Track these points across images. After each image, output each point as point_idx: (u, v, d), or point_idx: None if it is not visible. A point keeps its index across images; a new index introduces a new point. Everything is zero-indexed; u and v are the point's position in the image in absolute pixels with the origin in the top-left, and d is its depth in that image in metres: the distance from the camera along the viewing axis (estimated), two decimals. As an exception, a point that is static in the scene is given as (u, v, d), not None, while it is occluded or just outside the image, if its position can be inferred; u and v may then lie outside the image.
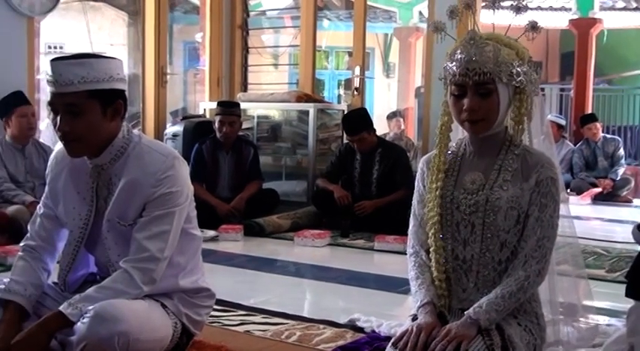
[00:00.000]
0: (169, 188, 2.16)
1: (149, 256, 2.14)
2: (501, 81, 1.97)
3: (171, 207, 2.17)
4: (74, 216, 2.26)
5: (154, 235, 2.15)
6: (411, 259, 2.16)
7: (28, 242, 2.33)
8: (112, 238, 2.21)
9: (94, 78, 2.08)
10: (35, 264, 2.28)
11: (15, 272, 2.25)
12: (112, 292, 2.09)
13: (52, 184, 2.32)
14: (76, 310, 2.03)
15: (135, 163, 2.18)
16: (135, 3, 9.85)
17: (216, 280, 2.54)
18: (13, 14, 5.15)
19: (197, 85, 10.71)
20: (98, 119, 2.12)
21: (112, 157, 2.19)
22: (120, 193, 2.18)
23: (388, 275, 3.94)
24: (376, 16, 12.42)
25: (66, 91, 2.07)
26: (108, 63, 2.13)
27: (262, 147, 6.40)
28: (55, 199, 2.31)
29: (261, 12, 8.22)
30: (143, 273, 2.13)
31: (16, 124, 4.80)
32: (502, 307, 1.94)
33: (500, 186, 2.01)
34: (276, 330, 2.81)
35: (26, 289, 2.20)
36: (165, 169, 2.17)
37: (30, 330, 2.03)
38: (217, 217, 5.22)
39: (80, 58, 2.11)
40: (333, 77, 13.44)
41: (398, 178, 5.30)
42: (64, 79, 2.06)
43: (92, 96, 2.09)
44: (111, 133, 2.17)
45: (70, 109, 2.09)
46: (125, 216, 2.18)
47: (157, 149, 2.22)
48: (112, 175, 2.21)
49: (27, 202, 4.62)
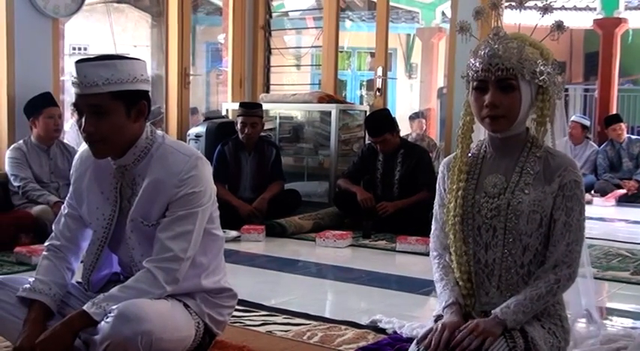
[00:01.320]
0: (192, 188, 2.18)
1: (172, 256, 2.15)
2: (524, 78, 1.95)
3: (195, 207, 2.18)
4: (98, 216, 2.28)
5: (177, 235, 2.16)
6: (435, 262, 2.16)
7: (52, 242, 2.35)
8: (136, 238, 2.23)
9: (118, 79, 2.10)
10: (59, 263, 2.30)
11: (39, 272, 2.27)
12: (135, 291, 2.11)
13: (76, 184, 2.34)
14: (100, 310, 2.05)
15: (158, 164, 2.20)
16: (158, 4, 9.92)
17: (238, 280, 2.55)
18: (38, 16, 5.20)
19: (219, 85, 10.77)
20: (122, 120, 2.14)
21: (135, 158, 2.21)
22: (143, 194, 2.19)
23: (410, 276, 3.93)
24: (399, 16, 12.40)
25: (90, 93, 2.09)
26: (132, 64, 2.15)
27: (284, 148, 6.41)
28: (79, 199, 2.33)
29: (283, 13, 8.22)
30: (166, 273, 2.14)
31: (43, 125, 4.85)
32: (529, 309, 1.93)
33: (522, 189, 2.00)
34: (297, 330, 2.81)
35: (51, 289, 2.22)
36: (189, 170, 2.18)
37: (54, 329, 2.05)
38: (239, 218, 5.24)
39: (104, 59, 2.12)
40: (355, 78, 13.43)
41: (420, 179, 5.28)
42: (89, 81, 2.08)
43: (116, 97, 2.11)
44: (135, 134, 2.19)
45: (94, 110, 2.11)
46: (148, 216, 2.20)
47: (180, 150, 2.24)
48: (136, 175, 2.23)
49: (51, 202, 4.66)
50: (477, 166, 2.09)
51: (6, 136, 5.14)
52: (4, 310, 2.19)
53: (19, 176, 4.78)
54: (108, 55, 2.19)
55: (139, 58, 2.22)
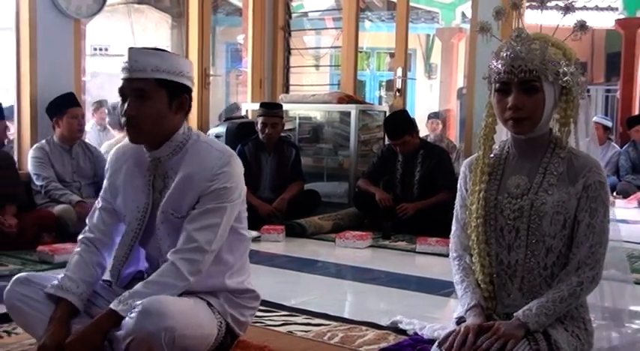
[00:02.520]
0: (224, 183, 2.21)
1: (197, 246, 2.18)
2: (547, 79, 1.94)
3: (224, 202, 2.22)
4: (132, 208, 2.32)
5: (203, 227, 2.19)
6: (455, 263, 2.15)
7: (85, 235, 2.38)
8: (165, 230, 2.26)
9: (166, 69, 2.19)
10: (90, 259, 2.32)
11: (69, 268, 2.29)
12: (159, 286, 2.13)
13: (111, 179, 2.39)
14: (127, 306, 2.07)
15: (192, 159, 2.24)
16: (179, 5, 9.97)
17: (258, 280, 2.56)
18: (60, 17, 5.24)
19: (239, 86, 10.79)
20: (163, 108, 2.21)
21: (170, 151, 2.26)
22: (176, 187, 2.23)
23: (430, 277, 3.92)
24: (418, 16, 12.37)
25: (137, 77, 2.18)
26: (180, 60, 2.27)
27: (304, 148, 6.41)
28: (114, 192, 2.37)
29: (303, 13, 8.24)
30: (190, 263, 2.17)
31: (66, 125, 4.89)
32: (552, 312, 1.92)
33: (546, 190, 1.98)
34: (318, 331, 2.81)
35: (78, 287, 2.24)
36: (222, 165, 2.22)
37: (85, 330, 2.07)
38: (259, 218, 5.25)
39: (157, 50, 2.23)
40: (374, 78, 13.41)
41: (440, 179, 5.26)
42: (139, 66, 2.17)
43: (161, 85, 2.19)
44: (173, 127, 2.25)
45: (138, 94, 2.18)
46: (179, 208, 2.23)
47: (214, 146, 2.29)
48: (169, 168, 2.27)
49: (73, 201, 4.70)
50: (499, 167, 2.08)
51: (29, 136, 5.19)
52: (29, 306, 2.21)
53: (41, 176, 4.82)
54: (160, 49, 2.28)
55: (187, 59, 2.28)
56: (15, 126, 5.36)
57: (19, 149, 5.27)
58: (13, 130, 5.52)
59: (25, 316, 2.25)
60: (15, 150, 5.32)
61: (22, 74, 5.18)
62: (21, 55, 5.17)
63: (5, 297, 2.26)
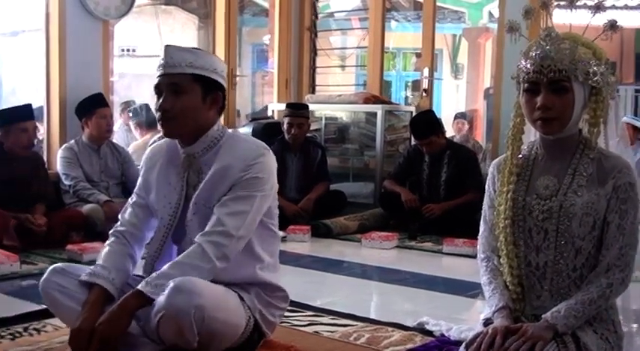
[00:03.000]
0: (256, 174, 2.25)
1: (224, 230, 2.20)
2: (577, 79, 1.92)
3: (255, 191, 2.25)
4: (164, 204, 2.36)
5: (232, 212, 2.22)
6: (483, 264, 2.14)
7: (117, 228, 2.42)
8: (197, 221, 2.28)
9: (201, 65, 2.25)
10: (121, 250, 2.36)
11: (101, 258, 2.34)
12: (185, 266, 2.16)
13: (145, 175, 2.44)
14: (155, 288, 2.10)
15: (226, 152, 2.29)
16: (205, 6, 10.01)
17: (284, 280, 2.56)
18: (89, 18, 5.29)
19: (265, 86, 10.82)
20: (197, 103, 2.26)
21: (204, 147, 2.30)
22: (209, 179, 2.27)
23: (457, 279, 3.90)
24: (445, 16, 12.30)
25: (173, 72, 2.24)
26: (215, 58, 2.35)
27: (330, 148, 6.41)
28: (147, 188, 2.41)
29: (329, 14, 8.23)
30: (216, 247, 2.18)
31: (95, 126, 4.94)
32: (581, 314, 1.90)
33: (575, 191, 1.97)
34: (344, 331, 2.81)
35: (110, 273, 2.27)
36: (256, 157, 2.26)
37: (111, 311, 2.10)
38: (285, 218, 5.26)
39: (192, 48, 2.31)
40: (400, 78, 13.36)
41: (467, 180, 5.24)
42: (174, 62, 2.24)
43: (196, 80, 2.25)
44: (207, 122, 2.30)
45: (173, 89, 2.24)
46: (211, 199, 2.26)
47: (248, 140, 2.36)
48: (203, 164, 2.31)
49: (101, 201, 4.74)
50: (527, 168, 2.07)
51: (58, 136, 5.25)
52: (65, 295, 2.25)
53: (70, 175, 4.87)
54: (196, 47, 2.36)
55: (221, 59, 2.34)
56: (44, 126, 5.43)
57: (49, 149, 5.33)
58: (42, 130, 5.59)
59: (60, 305, 2.28)
60: (44, 150, 5.39)
61: (52, 75, 5.24)
62: (50, 56, 5.24)
63: (41, 286, 2.30)
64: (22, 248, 4.23)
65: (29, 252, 4.28)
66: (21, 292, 3.41)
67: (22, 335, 2.70)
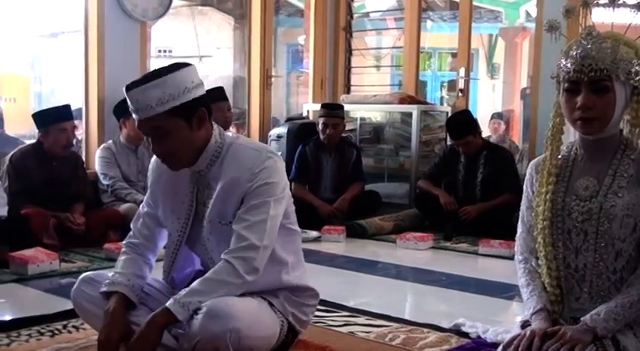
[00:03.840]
0: (265, 180, 2.19)
1: (248, 244, 2.16)
2: (618, 79, 1.89)
3: (267, 197, 2.19)
4: (172, 219, 2.33)
5: (251, 224, 2.17)
6: (520, 266, 2.11)
7: (130, 240, 2.41)
8: (214, 240, 2.25)
9: (170, 96, 2.09)
10: (137, 257, 2.36)
11: (118, 266, 2.33)
12: (215, 283, 2.13)
13: (152, 186, 2.40)
14: (182, 308, 2.07)
15: (231, 163, 2.23)
16: (241, 7, 10.06)
17: (319, 280, 2.56)
18: (127, 20, 5.35)
19: (300, 87, 10.84)
20: (186, 133, 2.16)
21: (208, 162, 2.24)
22: (219, 194, 2.22)
23: (493, 280, 3.86)
24: (481, 16, 12.20)
25: (147, 116, 2.11)
26: (180, 75, 2.12)
27: (365, 149, 6.40)
28: (155, 201, 2.38)
29: (364, 14, 8.21)
30: (244, 262, 2.15)
31: (132, 126, 4.96)
32: (621, 317, 1.87)
33: (615, 193, 1.94)
34: (379, 332, 2.80)
35: (129, 280, 2.27)
36: (260, 163, 2.20)
37: (142, 330, 2.09)
38: (320, 218, 5.27)
39: (151, 79, 2.11)
40: (436, 79, 13.29)
41: (503, 181, 5.18)
42: (143, 105, 2.10)
43: (173, 114, 2.11)
44: (203, 140, 2.21)
45: (157, 132, 2.14)
46: (225, 214, 2.22)
47: (250, 146, 2.27)
48: (210, 179, 2.26)
49: (138, 200, 4.77)
50: (567, 169, 2.04)
51: (96, 137, 5.32)
52: (94, 305, 2.27)
53: (108, 175, 4.93)
54: (156, 72, 2.15)
55: (187, 64, 2.18)
56: (83, 127, 5.51)
57: (87, 149, 5.41)
58: (81, 130, 5.66)
59: (90, 315, 2.31)
60: (83, 150, 5.47)
61: (90, 76, 5.32)
62: (89, 57, 5.31)
63: (72, 296, 2.33)
64: (62, 247, 4.29)
65: (68, 250, 4.34)
66: (60, 290, 3.46)
67: (62, 333, 2.73)
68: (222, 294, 2.11)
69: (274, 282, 2.31)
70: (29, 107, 8.22)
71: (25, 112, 7.74)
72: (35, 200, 4.45)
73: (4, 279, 3.68)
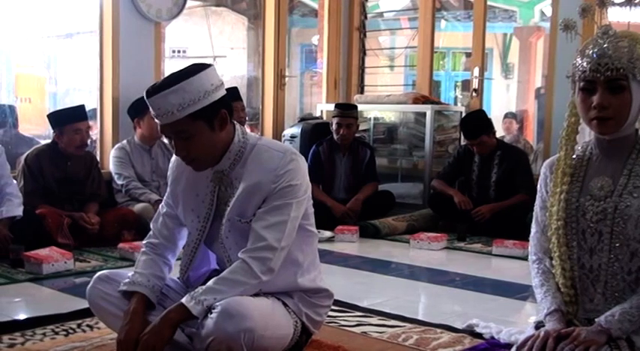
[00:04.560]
0: (289, 182, 2.20)
1: (266, 245, 2.16)
2: (635, 78, 1.87)
3: (290, 199, 2.20)
4: (192, 218, 2.34)
5: (270, 224, 2.18)
6: (534, 266, 2.10)
7: (150, 240, 2.41)
8: (233, 239, 2.26)
9: (191, 101, 2.10)
10: (157, 258, 2.36)
11: (138, 266, 2.34)
12: (231, 282, 2.13)
13: (172, 186, 2.40)
14: (199, 304, 2.08)
15: (254, 164, 2.23)
16: (255, 7, 10.07)
17: (332, 280, 2.56)
18: (142, 20, 5.38)
19: (313, 87, 10.84)
20: (209, 136, 2.17)
21: (231, 162, 2.25)
22: (240, 195, 2.22)
23: (507, 281, 3.85)
24: (495, 15, 12.15)
25: (170, 121, 2.13)
26: (199, 79, 2.12)
27: (378, 149, 6.39)
28: (175, 200, 2.39)
29: (378, 14, 8.20)
30: (261, 262, 2.15)
31: (147, 126, 5.00)
32: (636, 318, 1.86)
33: (631, 193, 1.92)
34: (392, 332, 2.80)
35: (149, 280, 2.28)
36: (284, 165, 2.20)
37: (155, 324, 2.10)
38: (333, 218, 5.27)
39: (172, 84, 2.11)
40: (449, 78, 13.24)
41: (518, 181, 5.17)
42: (164, 111, 2.11)
43: (195, 118, 2.12)
44: (226, 141, 2.22)
45: (179, 136, 2.16)
46: (245, 213, 2.22)
47: (274, 147, 2.27)
48: (233, 178, 2.26)
49: (152, 200, 4.81)
50: (581, 169, 2.03)
51: (110, 137, 5.35)
52: (110, 303, 2.28)
53: (122, 175, 4.96)
54: (174, 76, 2.15)
55: (206, 65, 2.18)
56: (97, 127, 5.53)
57: (102, 149, 5.44)
58: (95, 130, 5.69)
59: (105, 313, 2.31)
60: (97, 150, 5.49)
61: (105, 76, 5.35)
62: (104, 58, 5.34)
63: (88, 294, 2.33)
64: (76, 246, 4.33)
65: (83, 250, 4.37)
66: (74, 290, 3.48)
67: (76, 332, 2.75)
68: (237, 293, 2.11)
69: (288, 284, 2.30)
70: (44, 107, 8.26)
71: (40, 112, 7.78)
72: (50, 200, 4.48)
73: (19, 278, 3.71)
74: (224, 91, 2.21)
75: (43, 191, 4.53)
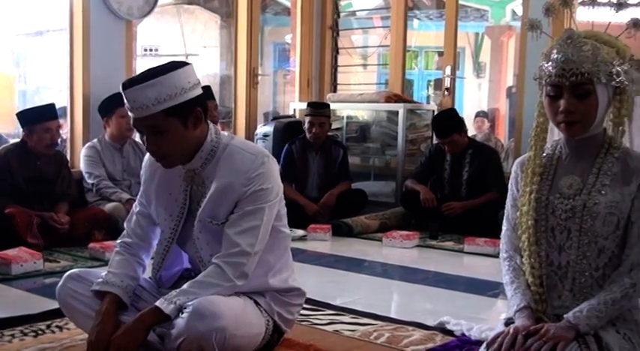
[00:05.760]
0: (260, 185, 2.19)
1: (239, 250, 2.17)
2: (600, 81, 1.89)
3: (262, 203, 2.20)
4: (165, 217, 2.33)
5: (244, 230, 2.18)
6: (505, 264, 2.12)
7: (124, 239, 2.41)
8: (204, 239, 2.25)
9: (167, 95, 2.09)
10: (131, 258, 2.36)
11: (112, 266, 2.33)
12: (205, 285, 2.14)
13: (145, 184, 2.39)
14: (171, 304, 2.08)
15: (226, 165, 2.22)
16: (228, 5, 10.03)
17: (305, 279, 2.56)
18: (112, 18, 5.33)
19: (286, 85, 10.84)
20: (182, 132, 2.16)
21: (203, 161, 2.24)
22: (212, 196, 2.22)
23: (478, 278, 3.88)
24: (467, 14, 12.23)
25: (144, 115, 2.11)
26: (177, 75, 2.12)
27: (351, 147, 6.41)
28: (148, 199, 2.38)
29: (351, 12, 8.22)
30: (234, 267, 2.16)
31: (115, 125, 4.96)
32: (604, 314, 1.88)
33: (599, 190, 1.95)
34: (364, 330, 2.81)
35: (122, 281, 2.27)
36: (256, 168, 2.20)
37: (128, 326, 2.10)
38: (306, 217, 5.27)
39: (149, 78, 2.10)
40: (422, 77, 13.31)
41: (489, 179, 5.21)
42: (139, 104, 2.10)
43: (169, 114, 2.11)
44: (198, 140, 2.21)
45: (152, 131, 2.14)
46: (217, 215, 2.22)
47: (246, 149, 2.26)
48: (205, 178, 2.26)
49: (123, 199, 4.77)
50: (551, 167, 2.05)
51: (81, 135, 5.29)
52: (81, 302, 2.26)
53: (92, 174, 4.91)
54: (152, 70, 2.14)
55: (184, 63, 2.19)
56: (68, 125, 5.48)
57: (72, 148, 5.38)
58: (66, 129, 5.63)
59: (76, 312, 2.30)
60: (67, 149, 5.44)
61: (75, 74, 5.29)
62: (74, 56, 5.28)
63: (57, 293, 2.31)
64: (46, 246, 4.27)
65: (52, 250, 4.32)
66: (44, 290, 3.44)
67: (45, 333, 2.72)
68: (210, 295, 2.11)
69: (260, 284, 2.30)
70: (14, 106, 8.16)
71: (9, 110, 7.70)
72: (19, 199, 4.43)
73: (-13, 279, 3.66)
74: (200, 90, 2.21)
75: (12, 191, 4.47)
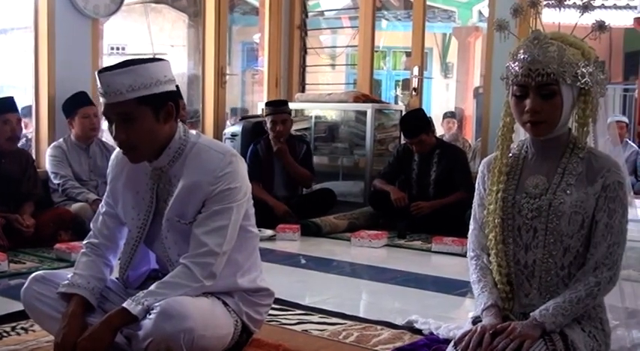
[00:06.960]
0: (228, 185, 2.18)
1: (207, 250, 2.16)
2: (565, 82, 1.92)
3: (229, 203, 2.19)
4: (132, 216, 2.31)
5: (212, 230, 2.17)
6: (472, 263, 2.14)
7: (90, 240, 2.38)
8: (172, 238, 2.24)
9: (142, 84, 2.09)
10: (97, 259, 2.33)
11: (78, 267, 2.30)
12: (173, 285, 2.13)
13: (112, 183, 2.37)
14: (140, 306, 2.07)
15: (193, 163, 2.21)
16: (195, 5, 9.98)
17: (274, 279, 2.56)
18: (78, 16, 5.27)
19: (255, 85, 10.81)
20: (151, 124, 2.15)
21: (170, 159, 2.23)
22: (179, 194, 2.21)
23: (446, 277, 3.91)
24: (435, 15, 12.32)
25: (116, 101, 2.10)
26: (154, 67, 2.14)
27: (319, 147, 6.41)
28: (115, 198, 2.36)
29: (319, 12, 8.22)
30: (202, 268, 2.15)
31: (79, 125, 4.91)
32: (569, 312, 1.91)
33: (564, 190, 1.97)
34: (333, 330, 2.81)
35: (89, 282, 2.25)
36: (223, 167, 2.19)
37: (95, 328, 2.08)
38: (275, 217, 5.26)
39: (126, 66, 2.10)
40: (390, 77, 13.37)
41: (456, 179, 5.25)
42: (113, 90, 2.09)
43: (142, 102, 2.11)
44: (167, 136, 2.20)
45: (122, 118, 2.12)
46: (184, 214, 2.21)
47: (214, 148, 2.25)
48: (172, 176, 2.24)
49: (90, 199, 4.72)
50: (517, 167, 2.07)
51: (47, 135, 5.22)
52: (46, 304, 2.23)
53: (58, 174, 4.85)
54: (130, 60, 2.15)
55: (162, 58, 2.21)
56: (33, 125, 5.41)
57: (37, 148, 5.31)
58: (31, 128, 5.56)
59: (41, 314, 2.27)
60: (33, 148, 5.36)
61: (40, 73, 5.22)
62: (39, 55, 5.21)
63: (22, 295, 2.28)
64: (10, 247, 4.21)
65: (17, 251, 4.26)
66: (9, 292, 3.39)
67: (10, 335, 2.68)
68: (178, 295, 2.10)
69: (228, 285, 2.29)
70: (-23, 105, 8.03)
71: (-27, 109, 7.55)
72: (-17, 200, 4.36)
73: (-50, 281, 3.60)
74: (175, 87, 2.21)
75: (-24, 191, 4.40)
